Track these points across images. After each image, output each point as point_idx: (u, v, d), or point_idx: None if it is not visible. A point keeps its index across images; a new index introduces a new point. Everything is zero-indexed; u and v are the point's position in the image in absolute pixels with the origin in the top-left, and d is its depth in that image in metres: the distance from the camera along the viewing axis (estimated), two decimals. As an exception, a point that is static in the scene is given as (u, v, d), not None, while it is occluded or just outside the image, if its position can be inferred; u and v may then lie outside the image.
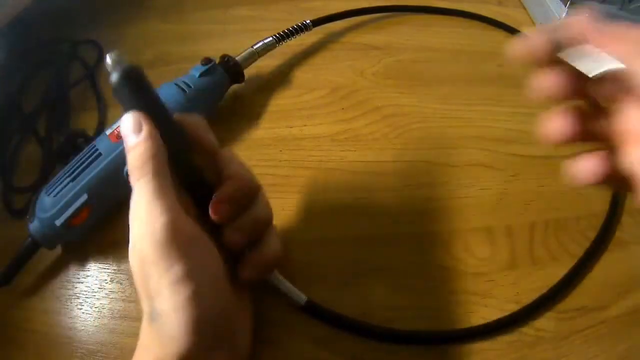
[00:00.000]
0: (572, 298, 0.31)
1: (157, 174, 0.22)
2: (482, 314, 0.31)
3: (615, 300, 0.31)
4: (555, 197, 0.36)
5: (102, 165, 0.32)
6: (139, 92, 0.25)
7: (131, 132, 0.23)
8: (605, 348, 0.29)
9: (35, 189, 0.38)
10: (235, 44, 0.43)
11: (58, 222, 0.31)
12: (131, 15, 0.54)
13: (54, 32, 0.52)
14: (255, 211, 0.27)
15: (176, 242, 0.21)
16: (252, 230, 0.27)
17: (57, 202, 0.31)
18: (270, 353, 0.29)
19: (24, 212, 0.36)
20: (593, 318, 0.30)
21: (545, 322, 0.30)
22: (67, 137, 0.39)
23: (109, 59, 0.23)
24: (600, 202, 0.36)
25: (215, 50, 0.42)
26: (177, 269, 0.21)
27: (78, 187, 0.32)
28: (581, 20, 0.20)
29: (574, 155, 0.22)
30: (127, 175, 0.33)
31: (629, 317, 0.30)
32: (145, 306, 0.22)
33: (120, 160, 0.33)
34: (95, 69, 0.48)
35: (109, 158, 0.33)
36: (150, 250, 0.21)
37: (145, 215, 0.22)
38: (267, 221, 0.28)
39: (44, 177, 0.39)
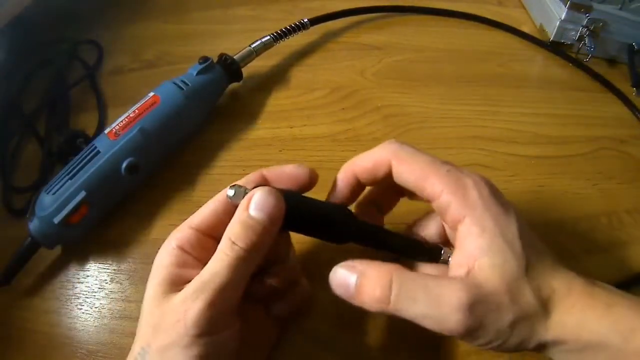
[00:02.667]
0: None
1: (250, 253, 0.22)
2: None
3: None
4: (555, 197, 0.36)
5: (100, 163, 0.32)
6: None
7: (267, 212, 0.22)
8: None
9: (35, 189, 0.38)
10: (235, 44, 0.43)
11: (56, 220, 0.31)
12: (131, 15, 0.54)
13: (54, 32, 0.52)
14: (293, 260, 0.28)
15: (211, 324, 0.21)
16: (289, 278, 0.28)
17: (55, 199, 0.31)
18: (270, 353, 0.29)
19: (24, 212, 0.36)
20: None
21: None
22: (67, 137, 0.39)
23: (230, 193, 0.23)
24: (600, 202, 0.36)
25: (216, 50, 0.42)
26: (195, 351, 0.20)
27: (76, 185, 0.32)
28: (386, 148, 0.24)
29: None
30: (126, 171, 0.33)
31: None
32: (137, 346, 0.22)
33: (118, 157, 0.33)
34: (95, 69, 0.48)
35: (107, 155, 0.33)
36: (192, 314, 0.21)
37: (209, 279, 0.21)
38: (299, 269, 0.29)
39: (44, 177, 0.39)
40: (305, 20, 0.46)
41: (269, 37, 0.44)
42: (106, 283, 0.33)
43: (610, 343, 0.20)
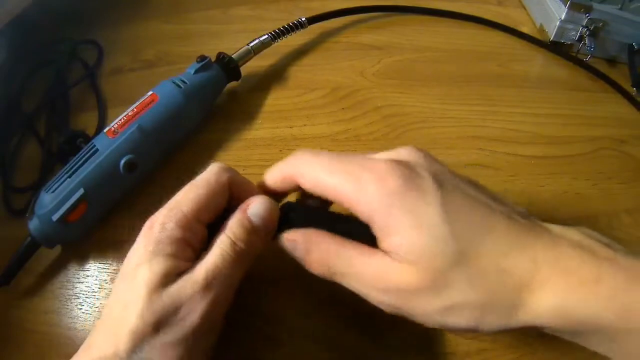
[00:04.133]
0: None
1: (250, 255, 0.23)
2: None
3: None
4: (555, 197, 0.36)
5: (98, 161, 0.32)
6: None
7: (264, 219, 0.24)
8: (605, 348, 0.29)
9: (35, 189, 0.38)
10: (235, 44, 0.43)
11: (54, 217, 0.31)
12: (131, 15, 0.54)
13: (54, 32, 0.52)
14: None
15: (210, 322, 0.21)
16: None
17: (54, 198, 0.31)
18: (271, 353, 0.29)
19: (24, 212, 0.36)
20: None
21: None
22: (67, 137, 0.39)
23: None
24: (600, 202, 0.36)
25: (216, 50, 0.42)
26: (199, 347, 0.21)
27: (74, 183, 0.32)
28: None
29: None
30: (124, 169, 0.33)
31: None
32: (123, 341, 0.20)
33: (116, 155, 0.33)
34: (95, 69, 0.48)
35: (106, 153, 0.33)
36: (197, 313, 0.21)
37: (212, 277, 0.21)
38: None
39: (44, 177, 0.39)
40: (303, 19, 0.46)
41: (267, 36, 0.44)
42: (106, 283, 0.33)
43: (603, 323, 0.18)
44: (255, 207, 0.23)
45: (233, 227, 0.23)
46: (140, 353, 0.20)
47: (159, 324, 0.20)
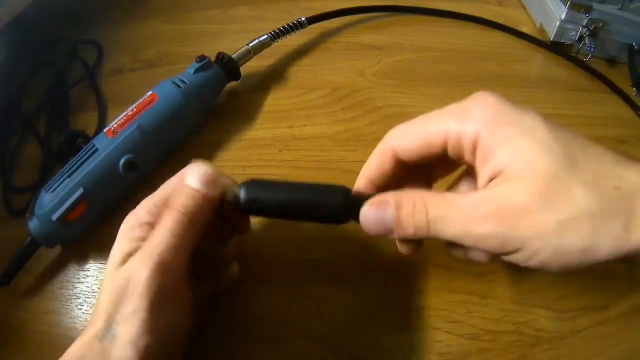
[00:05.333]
0: (572, 298, 0.31)
1: (188, 218, 0.23)
2: (482, 314, 0.31)
3: (615, 300, 0.31)
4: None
5: (98, 160, 0.33)
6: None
7: (201, 180, 0.24)
8: (605, 348, 0.29)
9: (35, 189, 0.38)
10: (235, 44, 0.43)
11: (54, 217, 0.31)
12: (131, 15, 0.54)
13: (54, 32, 0.52)
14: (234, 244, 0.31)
15: (163, 290, 0.21)
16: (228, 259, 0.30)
17: (54, 197, 0.31)
18: (271, 353, 0.29)
19: (24, 212, 0.36)
20: (593, 318, 0.30)
21: (545, 322, 0.30)
22: (67, 137, 0.39)
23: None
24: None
25: (216, 50, 0.42)
26: (146, 318, 0.21)
27: (74, 182, 0.32)
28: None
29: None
30: (123, 168, 0.33)
31: (629, 317, 0.30)
32: (99, 321, 0.21)
33: (115, 155, 0.33)
34: (95, 69, 0.48)
35: (105, 153, 0.33)
36: (142, 280, 0.21)
37: (154, 246, 0.22)
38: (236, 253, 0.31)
39: (44, 177, 0.39)
40: (303, 19, 0.46)
41: (266, 36, 0.44)
42: (106, 283, 0.33)
43: None
44: (191, 172, 0.24)
45: (174, 197, 0.24)
46: (111, 329, 0.21)
47: (118, 300, 0.21)
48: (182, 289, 0.23)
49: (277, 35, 0.44)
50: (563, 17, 0.46)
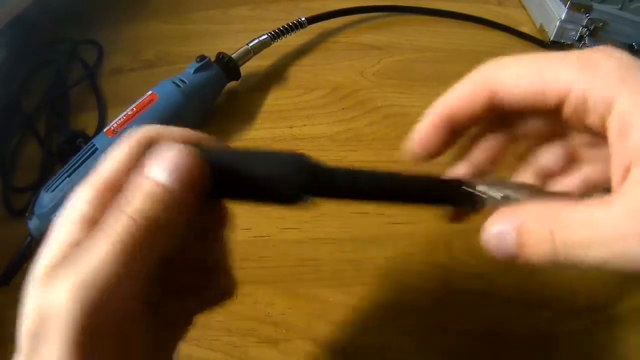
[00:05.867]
0: (572, 298, 0.31)
1: (150, 229, 0.15)
2: (482, 314, 0.31)
3: (615, 300, 0.31)
4: (555, 197, 0.36)
5: (97, 160, 0.32)
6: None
7: (167, 170, 0.15)
8: (605, 348, 0.29)
9: (35, 189, 0.38)
10: (235, 44, 0.43)
11: (54, 217, 0.31)
12: (131, 15, 0.54)
13: (54, 32, 0.52)
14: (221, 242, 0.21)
15: (99, 330, 0.14)
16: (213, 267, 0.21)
17: (54, 197, 0.31)
18: (270, 353, 0.29)
19: (24, 212, 0.36)
20: (593, 318, 0.30)
21: (545, 322, 0.30)
22: (67, 137, 0.39)
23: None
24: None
25: (216, 50, 0.42)
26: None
27: (74, 182, 0.32)
28: None
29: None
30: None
31: (629, 317, 0.30)
32: None
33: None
34: (95, 69, 0.48)
35: (104, 152, 0.33)
36: (63, 316, 0.14)
37: (88, 267, 0.14)
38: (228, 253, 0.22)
39: (44, 177, 0.39)
40: (303, 19, 0.46)
41: (266, 36, 0.44)
42: (106, 283, 0.33)
43: None
44: (157, 160, 0.15)
45: (127, 192, 0.15)
46: None
47: (34, 336, 0.17)
48: (135, 324, 0.16)
49: (277, 35, 0.44)
50: (563, 17, 0.46)
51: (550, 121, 0.19)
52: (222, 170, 0.17)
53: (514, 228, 0.17)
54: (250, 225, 0.34)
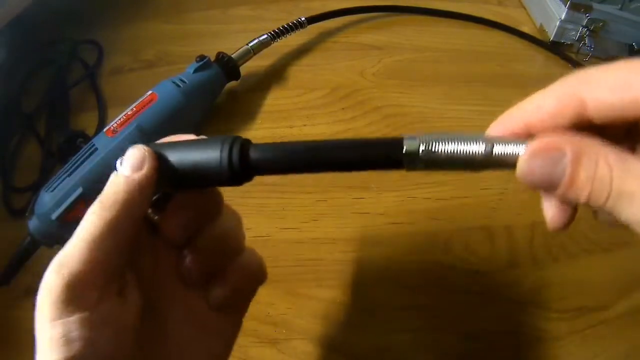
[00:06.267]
0: (572, 298, 0.31)
1: (114, 224, 0.18)
2: (483, 313, 0.31)
3: (615, 300, 0.31)
4: (555, 197, 0.36)
5: (97, 160, 0.33)
6: None
7: (129, 166, 0.19)
8: (605, 348, 0.29)
9: (35, 189, 0.38)
10: (236, 44, 0.43)
11: (54, 216, 0.31)
12: (131, 15, 0.54)
13: (54, 32, 0.52)
14: (220, 227, 0.21)
15: (73, 298, 0.17)
16: (221, 247, 0.22)
17: (53, 197, 0.31)
18: (270, 353, 0.29)
19: (23, 212, 0.36)
20: (593, 318, 0.30)
21: (545, 322, 0.30)
22: (67, 137, 0.39)
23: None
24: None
25: (216, 50, 0.42)
26: (58, 328, 0.16)
27: (73, 182, 0.32)
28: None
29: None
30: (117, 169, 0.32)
31: (629, 317, 0.30)
32: None
33: (114, 154, 0.33)
34: (95, 69, 0.48)
35: (104, 152, 0.33)
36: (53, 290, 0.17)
37: (66, 253, 0.18)
38: (240, 235, 0.23)
39: (44, 177, 0.39)
40: (303, 19, 0.46)
41: (266, 36, 0.44)
42: (106, 283, 0.33)
43: None
44: (122, 158, 0.19)
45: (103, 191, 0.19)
46: None
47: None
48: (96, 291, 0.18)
49: (277, 35, 0.44)
50: (563, 17, 0.46)
51: (623, 136, 0.18)
52: (164, 160, 0.19)
53: (572, 156, 0.16)
54: (250, 225, 0.34)
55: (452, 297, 0.31)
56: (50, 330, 0.16)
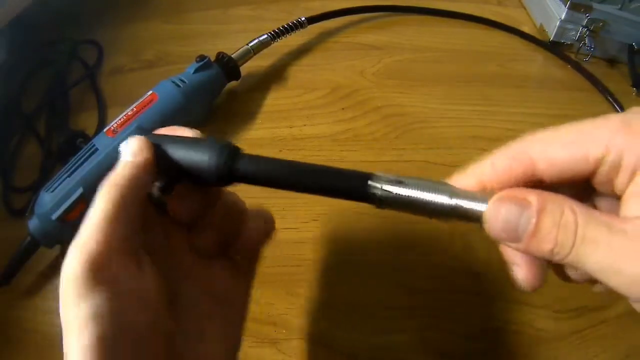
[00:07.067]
0: (572, 298, 0.31)
1: (122, 203, 0.19)
2: (483, 313, 0.31)
3: (615, 300, 0.31)
4: (555, 197, 0.36)
5: (97, 160, 0.33)
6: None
7: (130, 152, 0.21)
8: (605, 348, 0.29)
9: (35, 189, 0.38)
10: (236, 44, 0.43)
11: (54, 216, 0.31)
12: (131, 15, 0.54)
13: (54, 32, 0.52)
14: (223, 204, 0.23)
15: (94, 275, 0.17)
16: (225, 223, 0.23)
17: (54, 197, 0.31)
18: (270, 353, 0.29)
19: (24, 212, 0.36)
20: (593, 318, 0.30)
21: (545, 322, 0.30)
22: (67, 137, 0.39)
23: None
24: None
25: (216, 50, 0.42)
26: (85, 307, 0.17)
27: (74, 182, 0.32)
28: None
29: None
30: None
31: (629, 317, 0.30)
32: None
33: (115, 154, 0.33)
34: (95, 69, 0.48)
35: (105, 152, 0.33)
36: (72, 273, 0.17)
37: (81, 236, 0.18)
38: (242, 208, 0.24)
39: (44, 177, 0.39)
40: (303, 19, 0.46)
41: (266, 36, 0.44)
42: (106, 283, 0.33)
43: None
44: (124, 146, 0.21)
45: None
46: None
47: None
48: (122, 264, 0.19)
49: (277, 35, 0.44)
50: (563, 17, 0.46)
51: (576, 190, 0.19)
52: (161, 151, 0.21)
53: (538, 206, 0.16)
54: (250, 225, 0.34)
55: (453, 297, 0.31)
56: (78, 311, 0.17)
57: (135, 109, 0.35)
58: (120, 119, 0.35)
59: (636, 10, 0.47)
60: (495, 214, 0.17)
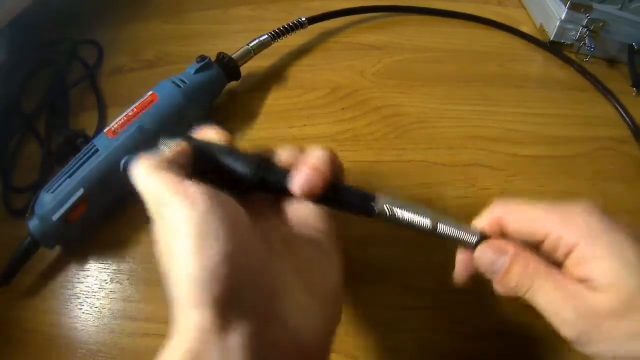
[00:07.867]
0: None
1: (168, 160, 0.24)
2: (483, 313, 0.31)
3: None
4: (555, 197, 0.36)
5: (98, 161, 0.33)
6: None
7: (164, 149, 0.26)
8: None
9: (35, 189, 0.38)
10: (236, 44, 0.43)
11: (54, 217, 0.31)
12: (131, 15, 0.54)
13: (54, 32, 0.52)
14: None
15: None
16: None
17: (54, 198, 0.31)
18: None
19: (23, 212, 0.36)
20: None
21: (545, 322, 0.30)
22: (66, 137, 0.39)
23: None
24: (600, 202, 0.36)
25: (216, 50, 0.42)
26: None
27: (74, 183, 0.32)
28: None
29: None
30: (124, 168, 0.33)
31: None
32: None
33: (116, 155, 0.33)
34: (95, 69, 0.48)
35: (106, 153, 0.33)
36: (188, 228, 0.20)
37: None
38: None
39: (43, 177, 0.39)
40: (303, 19, 0.46)
41: (266, 36, 0.44)
42: (106, 283, 0.33)
43: None
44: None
45: None
46: None
47: None
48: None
49: (277, 35, 0.44)
50: (563, 17, 0.46)
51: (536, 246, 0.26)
52: (198, 153, 0.25)
53: (512, 256, 0.23)
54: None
55: (455, 298, 0.31)
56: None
57: (135, 109, 0.35)
58: (120, 120, 0.35)
59: (636, 10, 0.47)
60: (483, 255, 0.24)
